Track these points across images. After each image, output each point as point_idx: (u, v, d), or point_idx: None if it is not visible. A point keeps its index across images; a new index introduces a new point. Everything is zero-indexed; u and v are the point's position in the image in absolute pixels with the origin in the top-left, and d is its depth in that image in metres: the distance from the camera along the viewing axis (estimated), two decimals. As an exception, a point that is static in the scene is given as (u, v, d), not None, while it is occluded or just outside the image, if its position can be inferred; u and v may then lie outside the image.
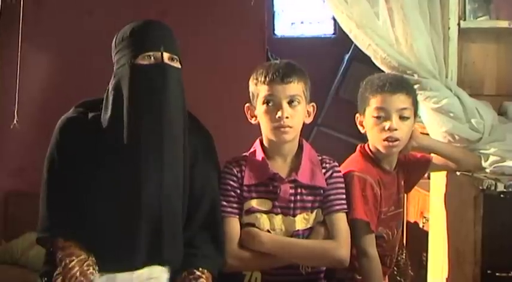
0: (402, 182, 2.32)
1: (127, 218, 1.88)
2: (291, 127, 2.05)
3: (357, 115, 2.27)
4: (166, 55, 1.94)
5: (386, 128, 2.15)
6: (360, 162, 2.24)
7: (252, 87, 2.12)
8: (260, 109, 2.09)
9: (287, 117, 2.04)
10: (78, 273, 1.83)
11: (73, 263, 1.85)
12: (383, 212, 2.21)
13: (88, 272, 1.85)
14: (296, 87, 2.06)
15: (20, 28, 2.64)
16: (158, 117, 1.91)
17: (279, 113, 2.03)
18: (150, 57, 1.93)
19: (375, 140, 2.21)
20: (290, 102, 2.05)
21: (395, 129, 2.15)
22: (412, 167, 2.35)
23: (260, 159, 2.10)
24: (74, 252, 1.87)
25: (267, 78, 2.06)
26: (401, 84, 2.21)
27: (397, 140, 2.16)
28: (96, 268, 1.87)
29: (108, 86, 1.99)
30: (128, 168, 1.89)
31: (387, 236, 2.24)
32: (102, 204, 1.89)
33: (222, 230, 2.03)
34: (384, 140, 2.17)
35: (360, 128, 2.26)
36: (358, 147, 2.29)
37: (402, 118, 2.16)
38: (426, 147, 2.34)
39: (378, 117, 2.17)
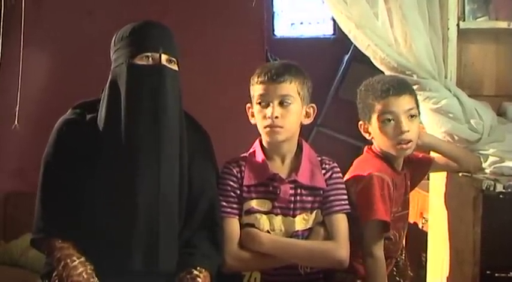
0: (409, 183, 2.30)
1: (123, 219, 1.86)
2: (281, 127, 2.04)
3: (360, 122, 2.24)
4: (164, 57, 1.93)
5: (399, 131, 2.13)
6: (375, 162, 2.20)
7: (250, 87, 2.12)
8: (255, 109, 2.09)
9: (276, 117, 2.03)
10: (84, 274, 1.81)
11: (75, 263, 1.82)
12: (393, 212, 2.18)
13: (92, 275, 1.82)
14: (289, 87, 2.05)
15: (21, 29, 2.64)
16: (154, 118, 1.90)
17: (268, 113, 2.03)
18: (148, 58, 1.92)
19: (386, 145, 2.17)
20: (281, 102, 2.04)
21: (407, 131, 2.13)
22: (415, 167, 2.33)
23: (260, 159, 2.10)
24: (73, 253, 1.85)
25: (260, 78, 2.06)
26: (403, 85, 2.19)
27: (410, 141, 2.15)
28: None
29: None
30: (124, 168, 1.88)
31: (394, 237, 2.22)
32: (98, 205, 1.88)
33: (221, 229, 2.03)
34: (398, 144, 2.14)
35: (366, 135, 2.23)
36: (365, 149, 2.27)
37: (410, 118, 2.14)
38: (427, 145, 2.34)
39: (386, 122, 2.15)
